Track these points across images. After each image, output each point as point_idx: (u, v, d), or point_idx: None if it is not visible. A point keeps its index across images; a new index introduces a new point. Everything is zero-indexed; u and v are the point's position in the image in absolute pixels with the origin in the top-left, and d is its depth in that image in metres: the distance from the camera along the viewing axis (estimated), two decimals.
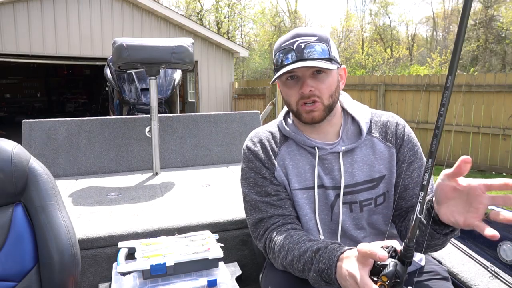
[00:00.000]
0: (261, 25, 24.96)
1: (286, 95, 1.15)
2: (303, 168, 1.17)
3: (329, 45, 1.10)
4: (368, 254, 0.79)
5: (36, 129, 2.63)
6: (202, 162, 2.92)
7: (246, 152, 1.22)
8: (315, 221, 1.15)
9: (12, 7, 8.58)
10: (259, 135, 1.24)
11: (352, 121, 1.21)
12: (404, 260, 0.78)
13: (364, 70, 18.66)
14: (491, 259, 1.38)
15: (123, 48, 2.35)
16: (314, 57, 1.06)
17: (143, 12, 10.03)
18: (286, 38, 1.12)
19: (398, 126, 1.20)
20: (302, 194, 1.16)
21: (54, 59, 9.54)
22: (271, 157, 1.19)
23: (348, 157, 1.16)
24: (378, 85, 7.68)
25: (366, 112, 1.23)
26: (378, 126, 1.21)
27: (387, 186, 1.17)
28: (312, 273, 0.96)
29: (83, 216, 1.81)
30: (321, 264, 0.94)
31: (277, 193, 1.16)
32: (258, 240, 1.17)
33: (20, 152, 1.17)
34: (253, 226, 1.18)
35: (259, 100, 9.98)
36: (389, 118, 1.23)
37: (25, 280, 1.13)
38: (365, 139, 1.18)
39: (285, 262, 1.06)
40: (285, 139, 1.21)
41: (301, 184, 1.16)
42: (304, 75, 1.09)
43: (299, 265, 1.01)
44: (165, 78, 4.29)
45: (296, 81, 1.11)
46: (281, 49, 1.11)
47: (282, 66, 1.09)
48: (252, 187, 1.19)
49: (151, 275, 1.18)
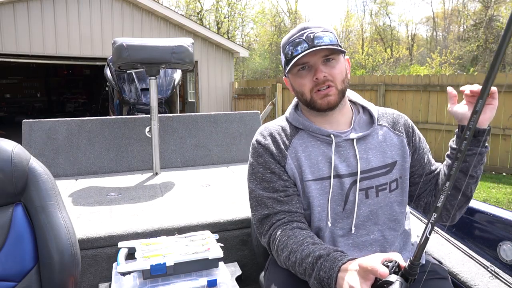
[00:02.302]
0: (261, 25, 24.97)
1: (299, 85, 1.18)
2: (316, 159, 1.17)
3: (334, 35, 1.16)
4: (369, 270, 0.79)
5: (36, 129, 2.63)
6: (202, 162, 2.92)
7: (256, 146, 1.22)
8: (327, 212, 1.15)
9: (12, 7, 8.58)
10: (269, 129, 1.24)
11: (363, 111, 1.26)
12: (408, 278, 0.76)
13: (364, 70, 18.66)
14: (491, 259, 1.38)
15: (123, 48, 2.35)
16: (324, 45, 1.11)
17: (143, 12, 10.03)
18: (293, 32, 1.16)
19: (405, 118, 1.29)
20: (316, 185, 1.16)
21: (54, 59, 9.54)
22: (282, 149, 1.19)
23: (361, 144, 1.19)
24: (378, 85, 7.68)
25: (374, 105, 1.29)
26: (386, 117, 1.27)
27: (401, 172, 1.21)
28: (312, 280, 0.96)
29: (83, 216, 1.81)
30: (321, 272, 0.94)
31: (284, 189, 1.16)
32: (262, 236, 1.16)
33: (20, 152, 1.17)
34: (258, 222, 1.18)
35: (259, 100, 9.98)
36: (394, 111, 1.30)
37: (25, 280, 1.13)
38: (376, 127, 1.22)
39: (287, 263, 1.06)
40: (296, 131, 1.23)
41: (314, 175, 1.16)
42: (316, 63, 1.13)
43: (300, 268, 1.01)
44: (165, 78, 4.29)
45: (308, 71, 1.15)
46: (290, 42, 1.15)
47: (293, 58, 1.13)
48: (259, 183, 1.19)
49: (151, 275, 1.18)
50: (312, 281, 0.97)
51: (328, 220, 1.15)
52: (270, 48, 23.40)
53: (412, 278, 0.76)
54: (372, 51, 20.52)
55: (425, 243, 0.75)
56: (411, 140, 1.25)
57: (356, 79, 8.35)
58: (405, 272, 0.77)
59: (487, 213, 1.42)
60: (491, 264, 1.35)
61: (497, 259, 1.36)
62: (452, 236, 1.57)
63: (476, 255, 1.42)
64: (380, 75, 8.63)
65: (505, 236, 1.34)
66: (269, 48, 23.48)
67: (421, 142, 1.28)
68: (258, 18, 24.32)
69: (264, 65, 22.96)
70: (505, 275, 1.29)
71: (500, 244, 1.35)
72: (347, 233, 1.16)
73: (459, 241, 1.53)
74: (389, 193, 1.18)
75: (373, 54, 20.12)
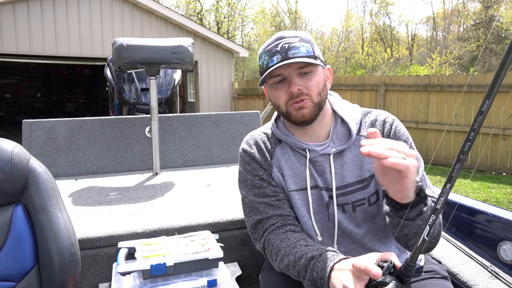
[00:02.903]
0: (261, 25, 24.97)
1: (274, 97, 1.15)
2: (299, 169, 1.17)
3: (312, 45, 1.11)
4: (362, 270, 0.78)
5: (36, 129, 2.63)
6: (202, 162, 2.92)
7: (243, 154, 1.23)
8: (311, 222, 1.15)
9: (12, 7, 8.58)
10: (254, 137, 1.24)
11: (341, 122, 1.21)
12: (403, 279, 0.76)
13: (364, 70, 18.65)
14: (491, 259, 1.38)
15: (123, 48, 2.35)
16: (298, 56, 1.08)
17: (143, 12, 10.03)
18: (269, 42, 1.13)
19: (385, 124, 1.19)
20: (299, 195, 1.16)
21: (54, 59, 9.54)
22: (267, 158, 1.20)
23: (338, 158, 1.16)
24: (378, 85, 7.67)
25: (357, 112, 1.23)
26: (367, 125, 1.21)
27: (377, 185, 1.16)
28: (306, 281, 0.96)
29: (83, 216, 1.81)
30: (314, 273, 0.93)
31: (275, 194, 1.16)
32: (257, 242, 1.17)
33: (20, 152, 1.17)
34: (252, 228, 1.18)
35: (259, 100, 9.98)
36: (377, 116, 1.22)
37: (25, 280, 1.13)
38: (354, 139, 1.18)
39: (281, 266, 1.06)
40: (279, 141, 1.22)
41: (297, 185, 1.16)
42: (290, 75, 1.10)
43: (294, 270, 1.01)
44: (165, 78, 4.28)
45: (283, 83, 1.12)
46: (265, 52, 1.12)
47: (267, 69, 1.10)
48: (250, 189, 1.19)
49: (151, 275, 1.18)
50: (306, 282, 0.97)
51: (315, 229, 1.15)
52: None
53: (407, 280, 0.76)
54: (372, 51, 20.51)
55: (422, 245, 0.74)
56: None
57: (356, 79, 8.35)
58: (400, 273, 0.76)
59: (487, 213, 1.42)
60: (491, 264, 1.35)
61: (497, 259, 1.36)
62: (452, 236, 1.57)
63: (476, 255, 1.42)
64: (380, 75, 8.63)
65: (505, 236, 1.34)
66: None
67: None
68: (258, 18, 24.32)
69: None
70: (505, 275, 1.29)
71: (500, 244, 1.35)
72: (338, 242, 1.16)
73: (459, 241, 1.53)
74: (369, 207, 1.15)
75: (373, 54, 20.11)
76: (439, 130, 6.87)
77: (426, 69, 16.48)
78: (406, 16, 36.20)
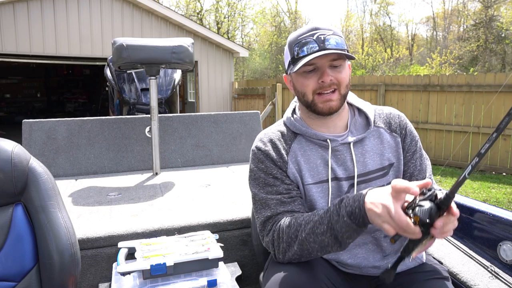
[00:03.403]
0: (261, 25, 24.96)
1: (302, 85, 1.17)
2: (315, 163, 1.19)
3: (343, 39, 1.16)
4: (402, 189, 0.83)
5: (36, 129, 2.63)
6: (202, 162, 2.92)
7: (256, 152, 1.22)
8: None
9: (12, 7, 8.58)
10: (268, 135, 1.25)
11: (359, 114, 1.26)
12: (440, 206, 0.81)
13: (364, 70, 18.65)
14: (491, 259, 1.38)
15: (123, 48, 2.35)
16: (334, 48, 1.11)
17: (143, 12, 10.03)
18: (303, 32, 1.15)
19: (400, 117, 1.27)
20: (316, 188, 1.17)
21: (54, 59, 9.53)
22: (282, 155, 1.20)
23: (358, 147, 1.20)
24: (378, 85, 7.67)
25: (370, 106, 1.29)
26: (382, 117, 1.26)
27: (396, 174, 1.21)
28: (340, 223, 0.97)
29: (83, 216, 1.81)
30: (348, 208, 0.96)
31: (288, 191, 1.17)
32: (265, 236, 1.16)
33: (20, 152, 1.17)
34: (261, 224, 1.18)
35: (259, 100, 9.98)
36: (391, 110, 1.29)
37: (25, 280, 1.13)
38: (372, 129, 1.22)
39: (302, 236, 1.04)
40: (295, 136, 1.23)
41: (314, 178, 1.18)
42: (323, 65, 1.13)
43: (321, 227, 1.01)
44: (165, 78, 4.28)
45: (314, 72, 1.15)
46: (299, 41, 1.14)
47: (301, 57, 1.12)
48: (262, 187, 1.19)
49: (151, 275, 1.18)
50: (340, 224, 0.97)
51: None
52: (270, 48, 23.39)
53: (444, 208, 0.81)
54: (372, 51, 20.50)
55: (462, 181, 0.80)
56: (403, 141, 1.25)
57: (356, 79, 8.34)
58: (440, 202, 0.81)
59: (487, 213, 1.42)
60: (491, 264, 1.35)
61: (497, 259, 1.36)
62: (452, 236, 1.57)
63: (476, 255, 1.42)
64: (380, 75, 8.63)
65: (505, 236, 1.34)
66: (269, 48, 23.47)
67: (412, 144, 1.25)
68: (258, 18, 24.32)
69: (264, 65, 22.96)
70: (505, 275, 1.29)
71: (500, 244, 1.35)
72: None
73: (459, 241, 1.53)
74: None
75: (373, 54, 20.10)
76: (439, 130, 6.87)
77: (426, 69, 16.47)
78: (406, 16, 36.22)
